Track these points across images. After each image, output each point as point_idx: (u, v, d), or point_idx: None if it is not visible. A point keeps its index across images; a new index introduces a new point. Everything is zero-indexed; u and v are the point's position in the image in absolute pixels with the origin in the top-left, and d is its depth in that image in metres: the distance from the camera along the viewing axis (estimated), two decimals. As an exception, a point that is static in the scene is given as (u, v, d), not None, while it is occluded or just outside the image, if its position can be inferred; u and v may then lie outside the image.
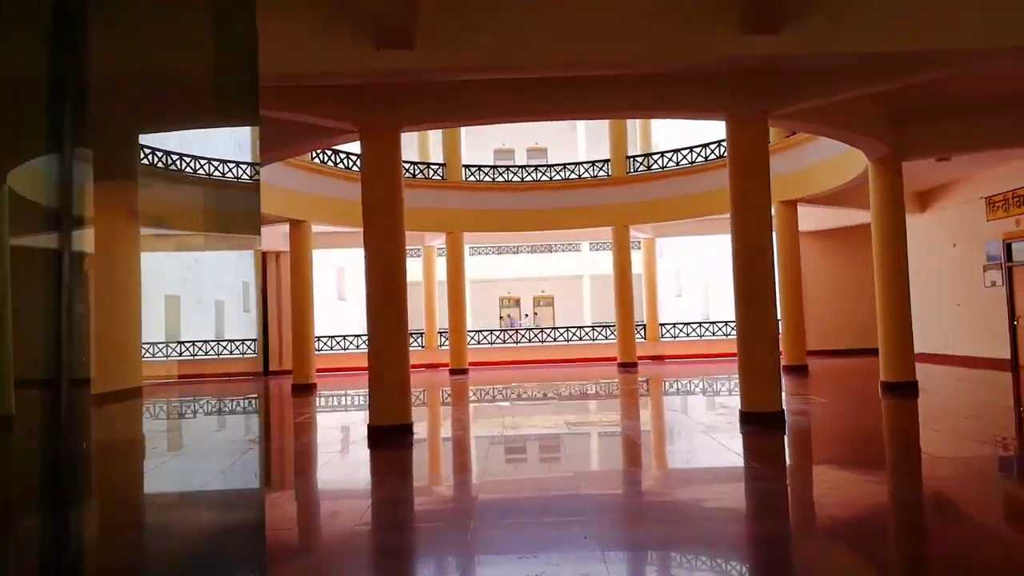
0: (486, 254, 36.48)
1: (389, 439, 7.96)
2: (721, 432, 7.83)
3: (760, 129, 8.48)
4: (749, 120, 8.40)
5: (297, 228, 15.20)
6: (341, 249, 23.63)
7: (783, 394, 8.74)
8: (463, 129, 34.32)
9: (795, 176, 14.59)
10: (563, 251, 36.69)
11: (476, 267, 36.00)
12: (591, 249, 36.22)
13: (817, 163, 14.04)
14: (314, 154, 15.90)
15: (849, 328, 19.05)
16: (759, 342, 8.22)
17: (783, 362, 15.07)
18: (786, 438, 7.64)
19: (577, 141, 33.80)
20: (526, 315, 37.15)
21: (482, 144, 33.69)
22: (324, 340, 20.04)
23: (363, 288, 8.56)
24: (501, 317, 34.06)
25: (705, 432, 7.91)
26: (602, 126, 32.28)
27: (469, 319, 36.15)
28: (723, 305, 25.63)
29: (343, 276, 24.89)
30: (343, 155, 16.64)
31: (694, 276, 28.94)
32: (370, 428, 8.15)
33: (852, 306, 19.24)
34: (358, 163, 16.72)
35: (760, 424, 7.99)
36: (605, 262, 36.23)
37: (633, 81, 8.24)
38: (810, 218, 16.53)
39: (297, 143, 9.52)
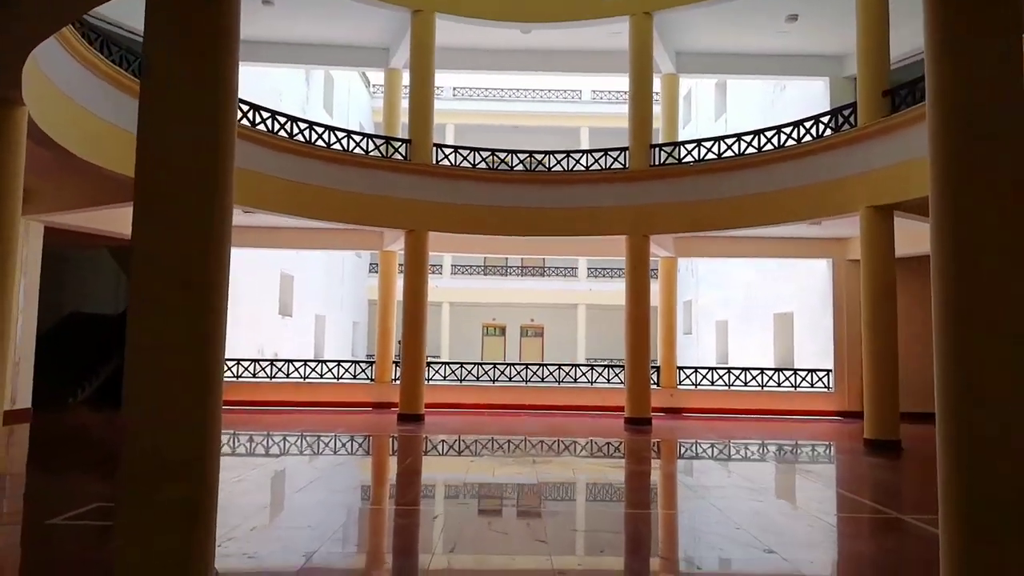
0: (470, 275, 32.14)
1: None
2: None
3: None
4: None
5: (186, 205, 10.75)
6: (285, 250, 19.24)
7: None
8: (449, 132, 30.27)
9: (892, 171, 10.32)
10: (558, 276, 32.40)
11: (457, 288, 31.64)
12: (589, 275, 31.96)
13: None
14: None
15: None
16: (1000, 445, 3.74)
17: (864, 434, 10.65)
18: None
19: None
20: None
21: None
22: (245, 365, 15.50)
23: (313, 302, 4.29)
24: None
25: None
26: (617, 133, 28.16)
27: (445, 349, 31.84)
28: (746, 348, 21.27)
29: (290, 286, 20.48)
30: (284, 118, 12.31)
31: (709, 310, 24.57)
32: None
33: None
34: (309, 133, 12.41)
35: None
36: (604, 291, 32.02)
37: None
38: (901, 239, 12.21)
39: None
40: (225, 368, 15.43)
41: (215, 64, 3.82)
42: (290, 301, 20.54)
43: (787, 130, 12.08)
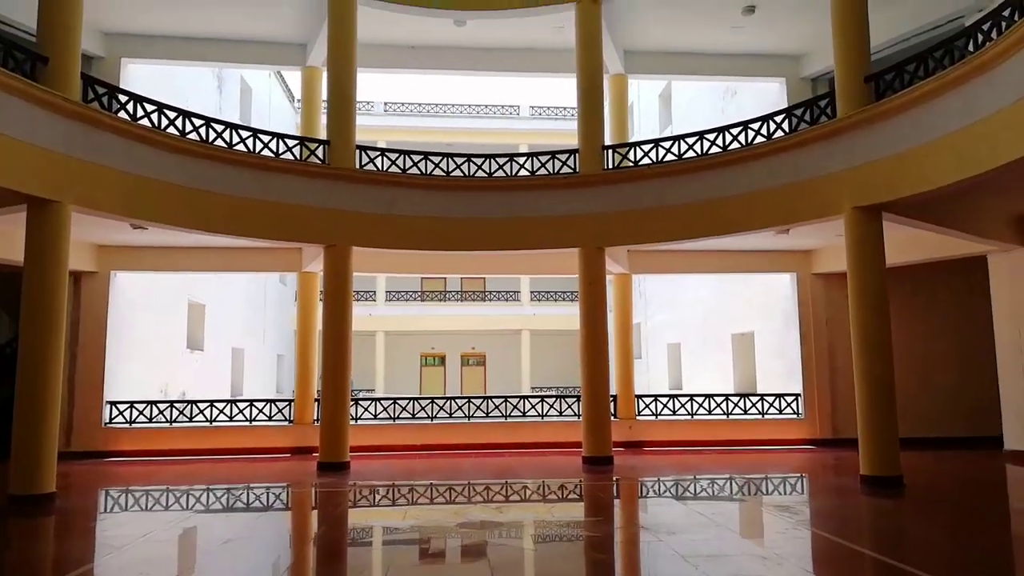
0: (406, 301, 30.23)
1: None
2: None
3: None
4: None
5: (41, 214, 8.62)
6: (194, 278, 17.04)
7: None
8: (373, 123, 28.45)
9: (880, 166, 9.07)
10: (499, 300, 30.78)
11: (393, 316, 29.64)
12: (532, 299, 30.47)
13: (922, 144, 8.53)
14: (99, 93, 9.54)
15: (931, 408, 13.83)
16: None
17: (861, 470, 9.25)
18: None
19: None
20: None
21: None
22: (140, 408, 13.23)
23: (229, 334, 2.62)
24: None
25: None
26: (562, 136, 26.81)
27: (379, 382, 29.68)
28: (702, 372, 19.98)
29: (200, 316, 18.20)
30: (175, 113, 10.33)
31: (659, 332, 23.26)
32: None
33: (937, 377, 14.15)
34: (206, 130, 10.46)
35: None
36: (549, 315, 30.53)
37: None
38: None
39: None
40: (115, 412, 13.19)
41: None
42: (200, 333, 18.23)
43: (755, 126, 10.80)
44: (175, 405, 13.42)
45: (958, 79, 7.80)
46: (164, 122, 10.25)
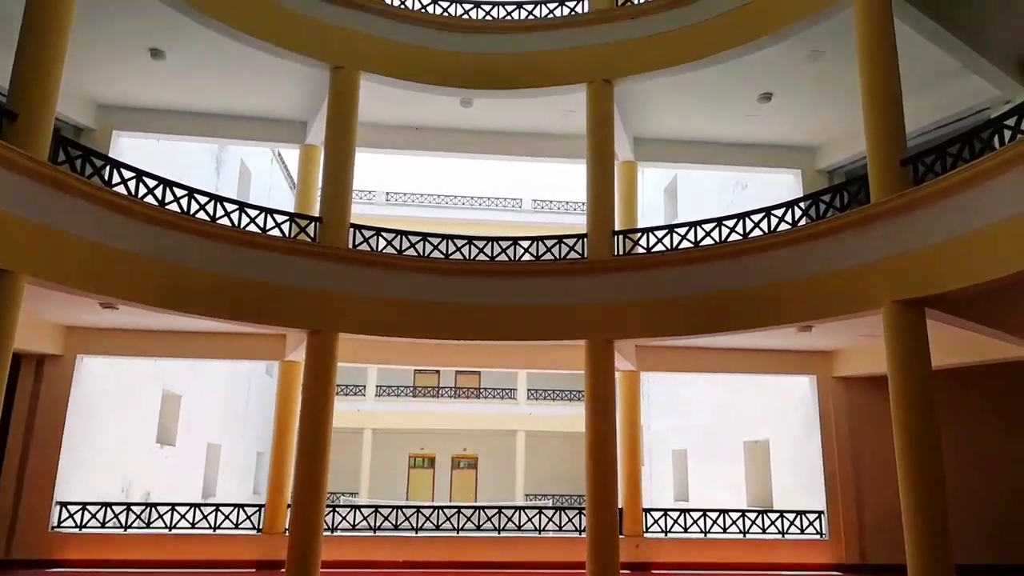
0: (397, 396, 28.90)
1: None
2: None
3: None
4: None
5: (-13, 284, 7.64)
6: (171, 365, 15.92)
7: None
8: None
9: (923, 256, 8.23)
10: (495, 398, 29.45)
11: (382, 412, 28.25)
12: (529, 398, 29.15)
13: (972, 231, 7.71)
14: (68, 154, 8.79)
15: (982, 532, 12.28)
16: None
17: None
18: None
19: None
20: None
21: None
22: (93, 511, 11.82)
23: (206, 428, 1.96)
24: None
25: None
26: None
27: (364, 484, 27.90)
28: (711, 482, 18.53)
29: (175, 407, 16.94)
30: (155, 181, 9.58)
31: (663, 437, 21.87)
32: None
33: (994, 495, 12.66)
34: (188, 202, 9.70)
35: None
36: (546, 415, 29.17)
37: None
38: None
39: None
40: (65, 515, 11.78)
41: None
42: (173, 427, 16.88)
43: (778, 212, 10.06)
44: (132, 508, 12.01)
45: (1015, 159, 7.07)
46: (143, 191, 9.48)
